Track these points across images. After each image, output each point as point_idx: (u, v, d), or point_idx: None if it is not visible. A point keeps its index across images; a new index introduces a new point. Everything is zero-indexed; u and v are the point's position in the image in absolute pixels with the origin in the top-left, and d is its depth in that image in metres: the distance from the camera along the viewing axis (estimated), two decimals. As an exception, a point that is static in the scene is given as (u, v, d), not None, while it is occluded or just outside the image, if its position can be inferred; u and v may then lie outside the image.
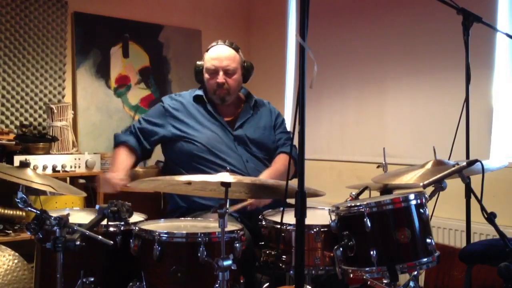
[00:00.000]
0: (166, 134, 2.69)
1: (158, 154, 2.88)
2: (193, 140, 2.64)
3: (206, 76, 2.72)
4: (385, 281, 1.88)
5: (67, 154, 3.46)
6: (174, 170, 2.66)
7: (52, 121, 3.48)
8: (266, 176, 2.56)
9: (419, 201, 1.91)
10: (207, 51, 2.76)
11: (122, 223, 2.01)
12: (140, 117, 2.84)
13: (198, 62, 2.78)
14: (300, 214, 1.60)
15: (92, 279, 1.89)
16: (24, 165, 1.98)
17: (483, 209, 1.87)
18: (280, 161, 2.72)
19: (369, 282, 1.99)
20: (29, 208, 1.84)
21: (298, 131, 1.62)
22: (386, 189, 2.36)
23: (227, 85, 2.68)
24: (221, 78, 2.67)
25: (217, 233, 1.89)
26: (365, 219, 1.86)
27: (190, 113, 2.72)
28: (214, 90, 2.70)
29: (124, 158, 2.66)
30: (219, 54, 2.69)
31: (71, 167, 3.39)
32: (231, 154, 2.64)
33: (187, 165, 2.63)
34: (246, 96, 2.86)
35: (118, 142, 2.73)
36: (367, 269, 1.86)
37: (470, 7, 2.45)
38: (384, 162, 2.43)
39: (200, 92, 2.78)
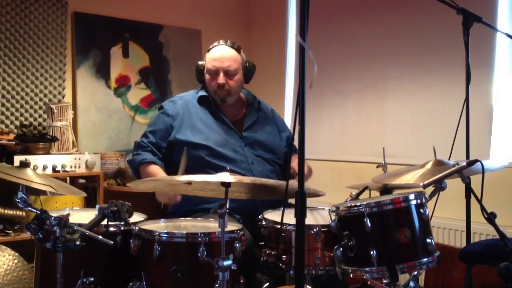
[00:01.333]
0: (172, 139, 2.66)
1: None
2: (198, 143, 2.60)
3: (207, 76, 2.70)
4: (385, 281, 1.88)
5: (67, 154, 3.46)
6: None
7: (52, 121, 3.48)
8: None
9: (419, 201, 1.91)
10: (208, 51, 2.73)
11: (122, 223, 2.01)
12: (145, 131, 2.75)
13: (200, 62, 2.74)
14: (300, 214, 1.60)
15: (92, 279, 1.89)
16: (24, 165, 1.98)
17: (483, 209, 1.87)
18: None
19: (369, 282, 1.99)
20: (29, 208, 1.84)
21: (298, 131, 1.62)
22: (386, 189, 2.36)
23: (227, 86, 2.66)
24: (221, 79, 2.64)
25: (217, 233, 1.89)
26: (365, 219, 1.86)
27: (195, 116, 2.68)
28: (215, 91, 2.68)
29: (159, 170, 2.60)
30: (220, 55, 2.67)
31: (71, 167, 3.39)
32: (237, 157, 2.62)
33: (193, 169, 2.59)
34: (248, 97, 2.85)
35: (137, 164, 2.65)
36: (367, 269, 1.86)
37: (470, 7, 2.45)
38: (384, 162, 2.42)
39: (204, 93, 2.75)
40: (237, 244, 1.94)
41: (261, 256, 2.14)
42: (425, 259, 1.87)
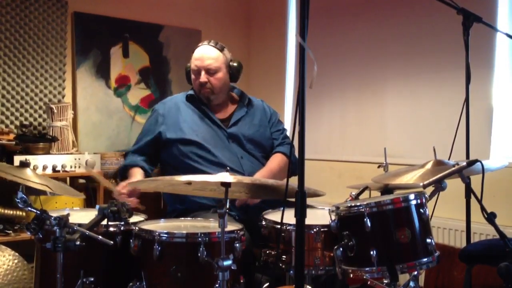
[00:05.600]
0: (162, 137, 2.70)
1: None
2: (187, 139, 2.66)
3: (192, 76, 2.78)
4: (385, 281, 1.88)
5: (67, 154, 3.46)
6: (171, 172, 2.67)
7: (52, 121, 3.48)
8: (259, 176, 2.57)
9: (419, 201, 1.91)
10: (193, 52, 2.79)
11: (122, 223, 2.01)
12: (139, 134, 2.86)
13: (188, 64, 2.82)
14: (300, 214, 1.60)
15: (92, 279, 1.89)
16: (24, 165, 1.98)
17: (483, 209, 1.87)
18: (275, 160, 2.73)
19: (369, 282, 1.99)
20: (29, 208, 1.84)
21: (298, 131, 1.62)
22: (386, 189, 2.36)
23: (209, 84, 2.72)
24: (203, 77, 2.71)
25: (217, 233, 1.89)
26: (365, 219, 1.86)
27: (183, 113, 2.74)
28: (199, 89, 2.75)
29: (134, 172, 2.67)
30: (201, 54, 2.73)
31: (71, 167, 3.39)
32: (225, 152, 2.66)
33: (183, 166, 2.63)
34: (239, 95, 2.88)
35: (121, 172, 2.77)
36: (367, 269, 1.86)
37: (470, 7, 2.45)
38: (385, 162, 2.42)
39: (192, 92, 2.81)
40: (237, 244, 1.94)
41: (261, 256, 2.15)
42: (425, 259, 1.87)
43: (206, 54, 2.73)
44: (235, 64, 2.78)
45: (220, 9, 4.62)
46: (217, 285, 1.79)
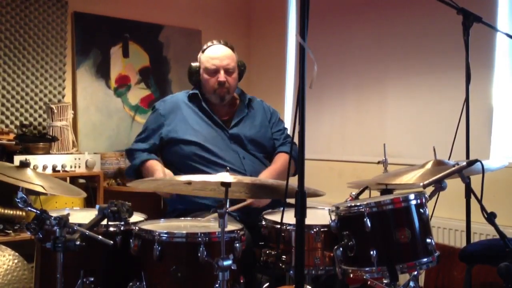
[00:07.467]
0: (164, 137, 2.70)
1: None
2: (189, 140, 2.65)
3: (206, 76, 2.73)
4: (385, 281, 1.88)
5: (67, 154, 3.46)
6: (174, 173, 2.66)
7: (52, 121, 3.48)
8: (265, 177, 2.57)
9: (419, 201, 1.91)
10: (203, 51, 2.77)
11: (122, 223, 2.01)
12: (137, 136, 2.82)
13: (193, 64, 2.78)
14: (300, 214, 1.60)
15: (92, 279, 1.89)
16: (24, 165, 1.98)
17: (483, 209, 1.87)
18: (279, 160, 2.73)
19: (369, 282, 1.99)
20: (29, 208, 1.84)
21: (298, 131, 1.62)
22: (386, 189, 2.36)
23: (227, 84, 2.70)
24: (222, 76, 2.68)
25: (217, 233, 1.89)
26: (365, 219, 1.86)
27: (184, 113, 2.73)
28: (215, 89, 2.71)
29: (156, 163, 2.62)
30: (220, 54, 2.72)
31: (71, 167, 3.39)
32: (227, 152, 2.66)
33: (184, 166, 2.63)
34: (239, 95, 2.88)
35: (136, 167, 2.67)
36: (367, 269, 1.86)
37: (470, 7, 2.45)
38: (384, 158, 2.42)
39: (195, 91, 2.79)
40: (237, 244, 1.94)
41: (261, 256, 2.15)
42: (425, 259, 1.87)
43: (224, 54, 2.71)
44: (241, 64, 2.80)
45: (220, 9, 4.62)
46: (217, 285, 1.79)
